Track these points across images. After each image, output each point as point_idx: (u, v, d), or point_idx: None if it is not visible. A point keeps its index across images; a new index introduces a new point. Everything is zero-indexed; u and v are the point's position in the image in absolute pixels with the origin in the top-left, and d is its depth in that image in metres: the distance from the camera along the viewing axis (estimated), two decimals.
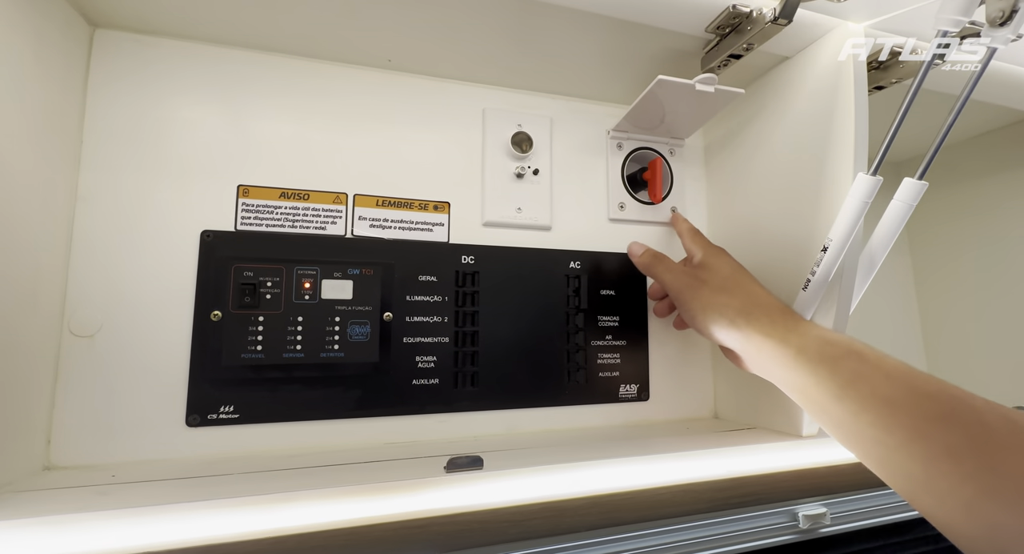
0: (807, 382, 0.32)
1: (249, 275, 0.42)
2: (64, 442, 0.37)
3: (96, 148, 0.40)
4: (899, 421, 0.27)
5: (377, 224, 0.47)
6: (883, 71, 0.47)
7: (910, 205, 0.38)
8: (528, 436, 0.47)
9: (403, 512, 0.32)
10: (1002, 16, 0.33)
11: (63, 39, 0.38)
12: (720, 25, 0.42)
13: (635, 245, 0.50)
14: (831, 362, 0.31)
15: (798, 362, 0.33)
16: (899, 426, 0.26)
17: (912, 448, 0.26)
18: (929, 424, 0.26)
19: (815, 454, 0.43)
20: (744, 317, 0.38)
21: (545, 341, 0.50)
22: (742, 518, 0.52)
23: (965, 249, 0.73)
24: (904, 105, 0.36)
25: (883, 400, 0.27)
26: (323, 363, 0.43)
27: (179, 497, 0.30)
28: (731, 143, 0.55)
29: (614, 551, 0.47)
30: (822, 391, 0.31)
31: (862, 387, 0.29)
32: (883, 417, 0.27)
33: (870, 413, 0.28)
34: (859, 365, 0.30)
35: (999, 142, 0.70)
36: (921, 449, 0.25)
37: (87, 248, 0.39)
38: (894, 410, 0.27)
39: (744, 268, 0.43)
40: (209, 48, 0.44)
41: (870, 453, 0.29)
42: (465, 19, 0.42)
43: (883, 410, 0.27)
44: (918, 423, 0.26)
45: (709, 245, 0.47)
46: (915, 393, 0.27)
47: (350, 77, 0.48)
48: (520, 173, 0.51)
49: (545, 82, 0.53)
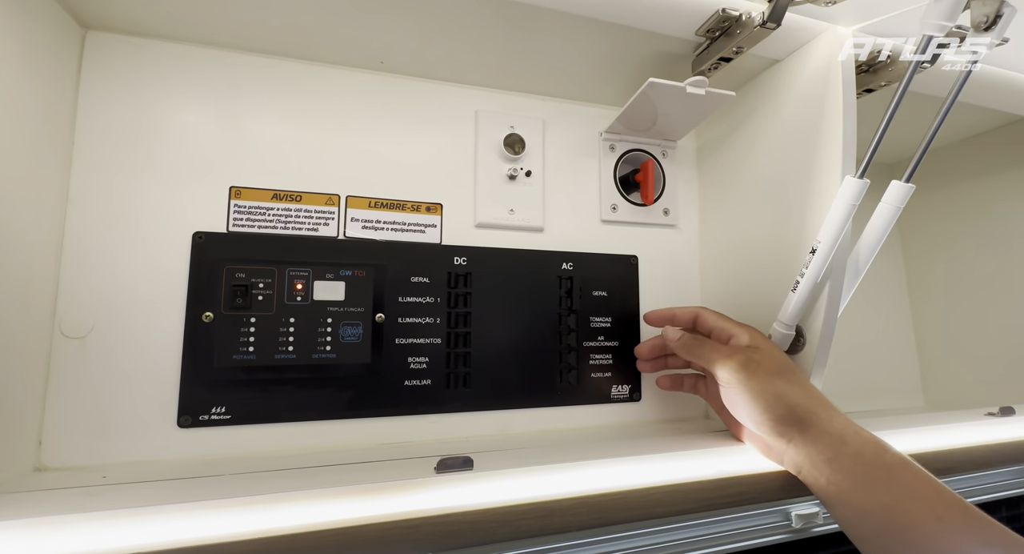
0: (858, 483, 0.32)
1: (241, 276, 0.42)
2: (55, 443, 0.37)
3: (88, 150, 0.40)
4: (951, 542, 0.28)
5: (369, 225, 0.47)
6: (872, 74, 0.47)
7: (897, 207, 0.39)
8: (520, 436, 0.48)
9: (393, 513, 0.32)
10: (986, 21, 0.33)
11: (54, 41, 0.38)
12: (710, 28, 0.42)
13: (670, 330, 0.46)
14: (887, 470, 0.32)
15: (850, 465, 0.33)
16: (951, 547, 0.28)
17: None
18: (980, 548, 0.28)
19: None
20: (806, 410, 0.36)
21: (537, 342, 0.50)
22: (735, 518, 0.52)
23: (957, 250, 0.74)
24: (890, 108, 0.36)
25: (936, 518, 0.29)
26: (315, 364, 0.43)
27: (170, 498, 0.30)
28: (723, 145, 0.56)
29: (606, 551, 0.47)
30: (870, 499, 0.32)
31: (918, 503, 0.30)
32: (935, 535, 0.29)
33: (921, 529, 0.29)
34: (915, 479, 0.31)
35: (990, 144, 0.71)
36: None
37: (79, 249, 0.39)
38: (944, 528, 0.29)
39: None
40: (201, 50, 0.44)
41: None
42: (457, 21, 0.42)
43: (935, 527, 0.29)
44: (967, 546, 0.28)
45: (744, 325, 0.42)
46: (965, 514, 0.29)
47: (342, 79, 0.48)
48: (512, 175, 0.51)
49: (538, 84, 0.53)
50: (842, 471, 0.33)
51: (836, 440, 0.34)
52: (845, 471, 0.33)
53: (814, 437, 0.35)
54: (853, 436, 0.34)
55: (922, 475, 0.32)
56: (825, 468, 0.34)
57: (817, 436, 0.35)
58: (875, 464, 0.33)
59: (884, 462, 0.33)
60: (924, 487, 0.31)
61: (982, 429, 0.49)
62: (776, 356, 0.39)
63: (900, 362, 0.77)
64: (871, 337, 0.76)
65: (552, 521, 0.35)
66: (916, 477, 0.31)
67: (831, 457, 0.34)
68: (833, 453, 0.34)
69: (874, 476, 0.32)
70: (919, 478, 0.31)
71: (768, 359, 0.38)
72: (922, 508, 0.30)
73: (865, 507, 0.32)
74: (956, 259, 0.74)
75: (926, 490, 0.31)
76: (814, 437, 0.35)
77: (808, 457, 0.35)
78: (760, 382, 0.37)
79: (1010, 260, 0.68)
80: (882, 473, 0.32)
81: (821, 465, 0.34)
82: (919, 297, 0.79)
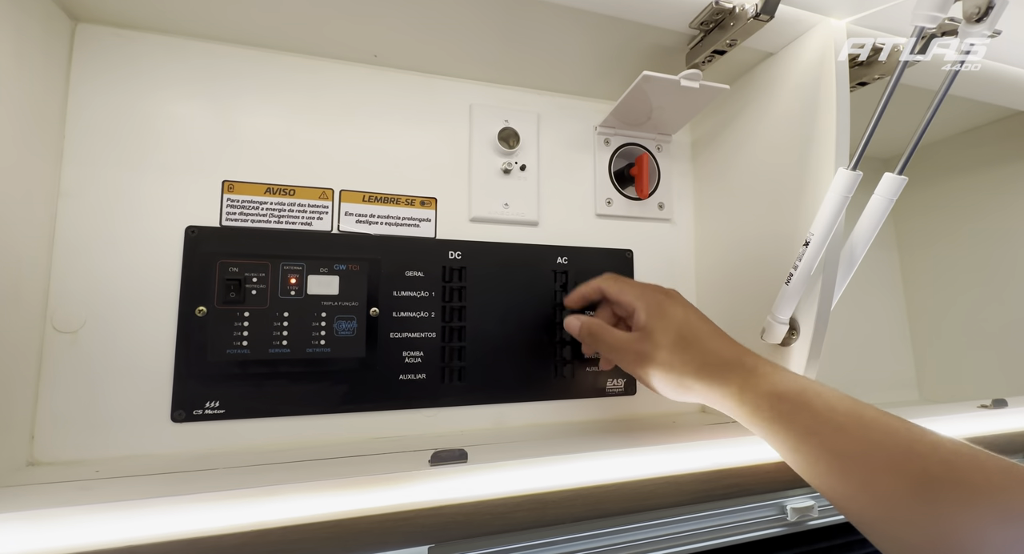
0: (765, 437, 0.34)
1: (234, 271, 0.42)
2: (48, 438, 0.37)
3: (79, 143, 0.40)
4: (850, 472, 0.29)
5: (364, 220, 0.47)
6: (866, 67, 0.47)
7: (890, 200, 0.39)
8: (515, 430, 0.48)
9: (387, 505, 0.32)
10: (978, 12, 0.33)
11: (44, 34, 0.38)
12: (704, 21, 0.42)
13: (571, 319, 0.45)
14: (785, 420, 0.32)
15: (753, 422, 0.35)
16: (851, 477, 0.29)
17: (862, 496, 0.28)
18: (877, 475, 0.28)
19: None
20: (696, 378, 0.37)
21: (532, 336, 0.50)
22: (731, 511, 0.52)
23: (952, 245, 0.74)
24: (882, 101, 0.36)
25: (835, 453, 0.29)
26: (309, 358, 0.43)
27: (163, 491, 0.30)
28: (717, 139, 0.56)
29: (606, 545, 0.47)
30: (779, 445, 0.33)
31: (814, 442, 0.31)
32: (835, 469, 0.29)
33: (823, 464, 0.30)
34: (811, 421, 0.31)
35: (985, 138, 0.71)
36: (870, 497, 0.28)
37: (70, 244, 0.39)
38: (844, 462, 0.29)
39: (691, 311, 0.40)
40: (193, 43, 0.44)
41: (829, 496, 0.31)
42: (451, 15, 0.42)
43: (834, 462, 0.29)
44: (866, 475, 0.28)
45: (645, 292, 0.41)
46: (863, 443, 0.29)
47: (336, 72, 0.48)
48: (507, 169, 0.51)
49: (532, 78, 0.53)
50: (750, 426, 0.35)
51: (735, 403, 0.35)
52: (750, 425, 0.35)
53: (715, 403, 0.37)
54: (751, 394, 0.35)
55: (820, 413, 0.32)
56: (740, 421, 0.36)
57: (717, 403, 0.37)
58: (773, 418, 0.33)
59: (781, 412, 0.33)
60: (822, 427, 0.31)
61: (975, 421, 0.49)
62: (671, 331, 0.38)
63: (895, 356, 0.78)
64: (866, 331, 0.76)
65: (546, 513, 0.35)
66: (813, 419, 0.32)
67: (738, 417, 0.36)
68: (735, 414, 0.36)
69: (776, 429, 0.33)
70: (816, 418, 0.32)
71: (662, 337, 0.38)
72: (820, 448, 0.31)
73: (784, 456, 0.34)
74: (950, 253, 0.74)
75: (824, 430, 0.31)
76: (715, 403, 0.37)
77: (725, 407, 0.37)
78: (653, 369, 0.38)
79: (1004, 254, 0.68)
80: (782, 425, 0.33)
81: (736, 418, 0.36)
82: (914, 291, 0.79)
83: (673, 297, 0.41)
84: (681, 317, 0.39)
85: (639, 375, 0.40)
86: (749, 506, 0.48)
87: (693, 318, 0.40)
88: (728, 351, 0.37)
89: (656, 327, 0.39)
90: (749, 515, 0.52)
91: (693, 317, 0.40)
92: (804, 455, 0.31)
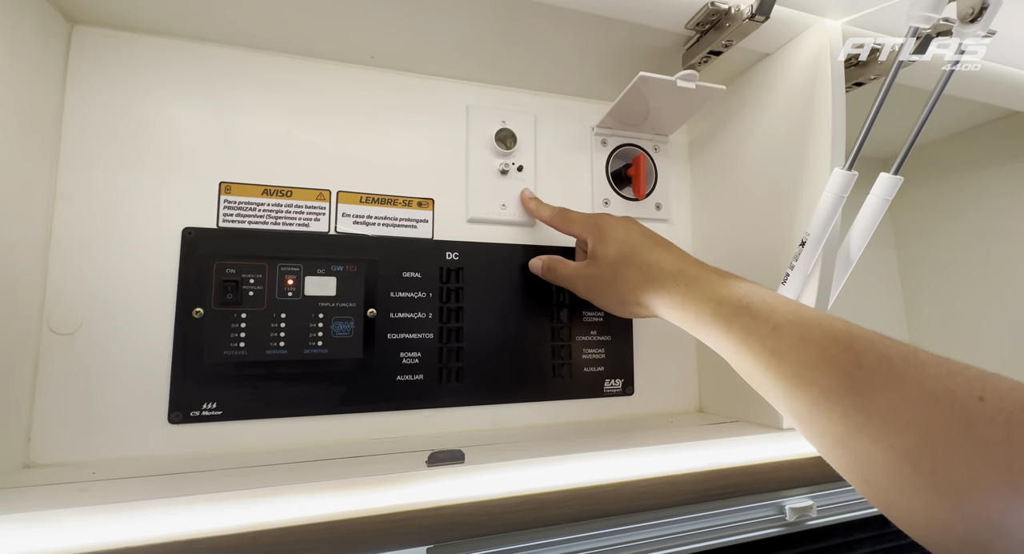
0: (708, 340, 0.34)
1: (231, 272, 0.42)
2: (44, 440, 0.37)
3: (75, 145, 0.40)
4: (784, 370, 0.29)
5: (361, 221, 0.47)
6: (861, 68, 0.48)
7: (885, 199, 0.39)
8: (513, 431, 0.48)
9: (384, 506, 0.32)
10: (972, 13, 0.33)
11: (40, 36, 0.38)
12: (700, 22, 0.42)
13: (534, 260, 0.49)
14: (725, 322, 0.32)
15: (697, 326, 0.35)
16: (784, 374, 0.28)
17: (797, 392, 0.28)
18: (810, 370, 0.27)
19: (796, 445, 0.43)
20: (642, 292, 0.38)
21: (530, 336, 0.50)
22: (730, 511, 0.52)
23: (950, 244, 0.74)
24: (877, 101, 0.36)
25: (771, 352, 0.29)
26: (307, 359, 0.43)
27: (160, 493, 0.30)
28: (714, 139, 0.56)
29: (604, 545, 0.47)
30: (721, 348, 0.33)
31: (753, 342, 0.30)
32: (771, 366, 0.29)
33: (761, 364, 0.30)
34: (750, 321, 0.31)
35: (982, 138, 0.71)
36: (803, 393, 0.27)
37: (67, 245, 0.39)
38: (780, 360, 0.29)
39: (634, 229, 0.41)
40: (190, 45, 0.44)
41: (768, 397, 0.31)
42: (447, 16, 0.42)
43: (771, 360, 0.29)
44: (800, 370, 0.28)
45: (590, 223, 0.44)
46: (799, 341, 0.29)
47: (332, 74, 0.48)
48: (504, 170, 0.51)
49: (529, 79, 0.53)
50: (696, 333, 0.35)
51: (678, 310, 0.36)
52: (696, 332, 0.35)
53: (663, 314, 0.38)
54: (692, 302, 0.35)
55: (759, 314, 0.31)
56: (689, 331, 0.36)
57: (664, 314, 0.37)
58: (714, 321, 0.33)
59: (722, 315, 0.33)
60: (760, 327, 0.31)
61: None
62: (611, 253, 0.40)
63: None
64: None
65: (543, 513, 0.35)
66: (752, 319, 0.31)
67: (684, 325, 0.36)
68: (681, 322, 0.36)
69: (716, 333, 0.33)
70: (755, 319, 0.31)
71: (605, 261, 0.40)
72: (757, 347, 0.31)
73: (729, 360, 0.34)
74: (948, 254, 0.74)
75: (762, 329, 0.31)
76: (663, 314, 0.38)
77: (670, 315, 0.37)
78: (605, 294, 0.41)
79: (1002, 254, 0.68)
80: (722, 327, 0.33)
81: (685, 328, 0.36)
82: (912, 292, 0.79)
83: (617, 220, 0.43)
84: (622, 236, 0.41)
85: (591, 299, 0.42)
86: (747, 506, 0.48)
87: (635, 235, 0.41)
88: (670, 262, 0.38)
89: (599, 250, 0.41)
90: (747, 515, 0.52)
91: (635, 234, 0.41)
92: (743, 355, 0.31)
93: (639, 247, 0.39)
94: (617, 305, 0.41)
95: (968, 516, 0.21)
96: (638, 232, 0.41)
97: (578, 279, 0.43)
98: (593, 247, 0.42)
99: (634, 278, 0.39)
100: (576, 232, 0.45)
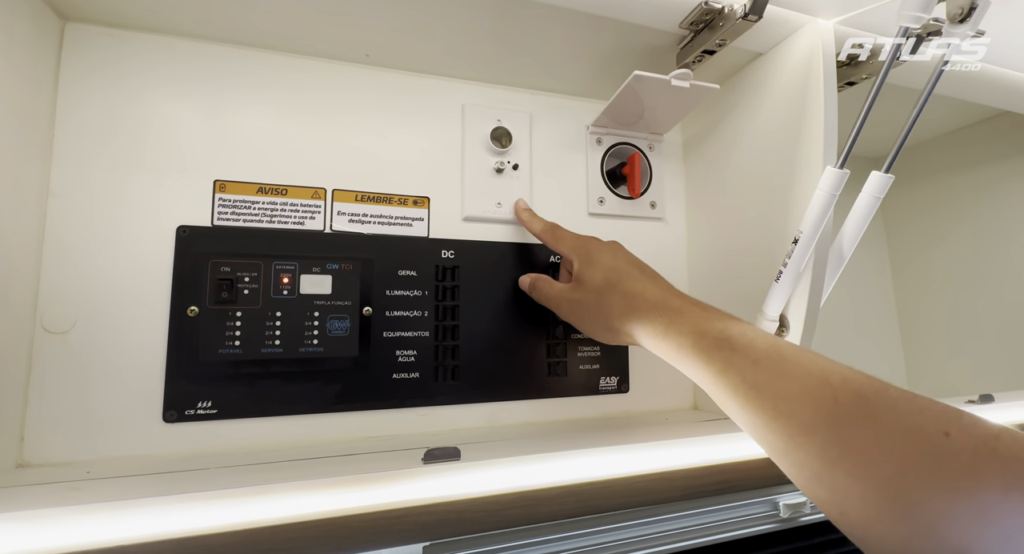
0: (688, 372, 0.35)
1: (226, 270, 0.42)
2: (38, 439, 0.37)
3: (68, 143, 0.40)
4: (762, 403, 0.29)
5: (356, 219, 0.47)
6: (853, 67, 0.48)
7: (877, 198, 0.39)
8: (509, 428, 0.48)
9: (380, 503, 0.32)
10: (962, 13, 0.34)
11: (32, 33, 0.37)
12: (693, 21, 0.42)
13: (523, 277, 0.49)
14: (705, 354, 0.33)
15: (678, 358, 0.35)
16: (762, 407, 0.29)
17: (774, 425, 0.28)
18: (788, 403, 0.28)
19: None
20: (624, 320, 0.38)
21: (525, 334, 0.50)
22: (724, 508, 0.53)
23: (941, 243, 0.75)
24: (868, 100, 0.37)
25: (750, 385, 0.30)
26: (302, 358, 0.43)
27: (154, 491, 0.30)
28: (709, 138, 0.56)
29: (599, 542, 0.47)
30: (701, 380, 0.34)
31: (732, 375, 0.31)
32: (750, 399, 0.30)
33: (740, 397, 0.30)
34: (729, 354, 0.32)
35: (974, 138, 0.72)
36: (781, 426, 0.28)
37: (60, 244, 0.39)
38: (759, 392, 0.29)
39: (620, 256, 0.42)
40: (184, 42, 0.44)
41: (746, 429, 0.31)
42: (443, 14, 0.42)
43: (750, 393, 0.30)
44: (778, 403, 0.28)
45: (578, 242, 0.44)
46: (778, 376, 0.29)
47: (328, 72, 0.48)
48: (500, 168, 0.51)
49: (524, 78, 0.53)
50: (677, 363, 0.35)
51: (660, 340, 0.36)
52: (676, 363, 0.35)
53: (644, 344, 0.38)
54: (675, 334, 0.35)
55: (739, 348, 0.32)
56: (669, 361, 0.36)
57: (645, 343, 0.37)
58: (695, 353, 0.33)
59: (702, 348, 0.33)
60: (740, 361, 0.31)
61: None
62: (596, 279, 0.40)
63: (885, 354, 0.78)
64: (857, 329, 0.77)
65: (538, 510, 0.35)
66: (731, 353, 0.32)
67: (665, 355, 0.36)
68: (662, 352, 0.36)
69: (697, 365, 0.33)
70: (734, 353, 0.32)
71: (590, 286, 0.40)
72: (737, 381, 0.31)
73: (707, 391, 0.34)
74: (940, 252, 0.75)
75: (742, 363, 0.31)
76: (644, 344, 0.38)
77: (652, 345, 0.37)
78: (587, 319, 0.41)
79: (993, 253, 0.69)
80: (703, 360, 0.33)
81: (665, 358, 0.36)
82: (904, 289, 0.80)
83: (604, 245, 0.43)
84: (609, 262, 0.41)
85: (573, 322, 0.42)
86: (742, 503, 0.48)
87: (622, 263, 0.41)
88: (653, 293, 0.38)
89: (584, 275, 0.41)
90: (742, 511, 0.53)
91: (622, 262, 0.41)
92: (723, 388, 0.32)
93: (624, 275, 0.40)
94: (599, 331, 0.41)
95: (941, 547, 0.22)
96: (624, 259, 0.41)
97: (561, 301, 0.43)
98: (579, 270, 0.42)
99: (618, 306, 0.39)
100: (563, 251, 0.45)
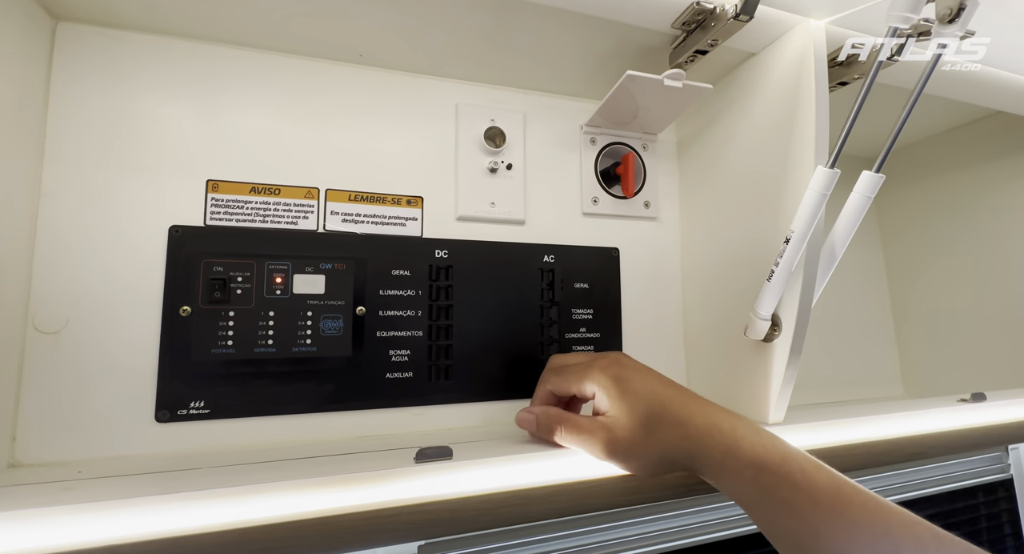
0: (745, 504, 0.34)
1: (219, 270, 0.42)
2: (30, 439, 0.37)
3: (60, 143, 0.40)
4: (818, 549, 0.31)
5: (350, 219, 0.47)
6: (845, 67, 0.48)
7: (868, 197, 0.39)
8: (502, 428, 0.48)
9: (372, 502, 0.32)
10: (951, 13, 0.34)
11: (23, 32, 0.37)
12: (686, 21, 0.43)
13: (521, 415, 0.41)
14: (766, 491, 0.33)
15: (735, 492, 0.34)
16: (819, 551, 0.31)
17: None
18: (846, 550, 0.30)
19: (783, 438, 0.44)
20: (677, 453, 0.35)
21: (519, 334, 0.50)
22: (715, 507, 0.53)
23: (936, 243, 0.75)
24: (858, 100, 0.37)
25: (808, 531, 0.31)
26: (295, 357, 0.43)
27: (146, 491, 0.30)
28: (702, 138, 0.56)
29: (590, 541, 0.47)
30: (756, 514, 0.34)
31: (792, 518, 0.32)
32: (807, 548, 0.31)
33: (796, 542, 0.32)
34: (791, 494, 0.32)
35: (967, 137, 0.72)
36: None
37: (52, 243, 0.39)
38: (816, 541, 0.31)
39: (651, 379, 0.37)
40: (176, 41, 0.44)
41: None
42: (437, 14, 0.42)
43: (806, 540, 0.31)
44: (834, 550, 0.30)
45: (594, 371, 0.38)
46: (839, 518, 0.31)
47: (321, 72, 0.48)
48: (493, 168, 0.51)
49: (518, 78, 0.53)
50: (730, 493, 0.35)
51: (714, 474, 0.35)
52: (730, 493, 0.35)
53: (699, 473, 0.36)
54: (730, 469, 0.34)
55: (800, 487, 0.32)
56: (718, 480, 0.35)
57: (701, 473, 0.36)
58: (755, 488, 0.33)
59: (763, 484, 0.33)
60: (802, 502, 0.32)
61: (954, 415, 0.50)
62: (637, 413, 0.35)
63: (880, 353, 0.79)
64: (852, 328, 0.77)
65: (530, 509, 0.35)
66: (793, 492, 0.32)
67: (718, 484, 0.35)
68: (715, 483, 0.36)
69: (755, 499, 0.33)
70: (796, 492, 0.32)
71: (626, 422, 0.35)
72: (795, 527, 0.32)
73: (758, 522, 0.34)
74: (934, 251, 0.75)
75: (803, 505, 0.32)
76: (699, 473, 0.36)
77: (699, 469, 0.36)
78: (635, 453, 0.36)
79: (986, 252, 0.69)
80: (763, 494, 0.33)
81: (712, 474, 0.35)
82: (898, 289, 0.80)
83: (627, 366, 0.38)
84: (646, 391, 0.36)
85: (616, 462, 0.36)
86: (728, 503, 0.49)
87: (657, 387, 0.37)
88: (702, 417, 0.35)
89: (622, 410, 0.36)
90: (733, 511, 0.53)
91: (656, 385, 0.37)
92: (779, 527, 0.33)
93: (667, 402, 0.36)
94: (649, 468, 0.36)
95: None
96: (658, 382, 0.37)
97: (596, 442, 0.36)
98: (611, 405, 0.36)
99: (669, 440, 0.35)
100: (580, 389, 0.38)
